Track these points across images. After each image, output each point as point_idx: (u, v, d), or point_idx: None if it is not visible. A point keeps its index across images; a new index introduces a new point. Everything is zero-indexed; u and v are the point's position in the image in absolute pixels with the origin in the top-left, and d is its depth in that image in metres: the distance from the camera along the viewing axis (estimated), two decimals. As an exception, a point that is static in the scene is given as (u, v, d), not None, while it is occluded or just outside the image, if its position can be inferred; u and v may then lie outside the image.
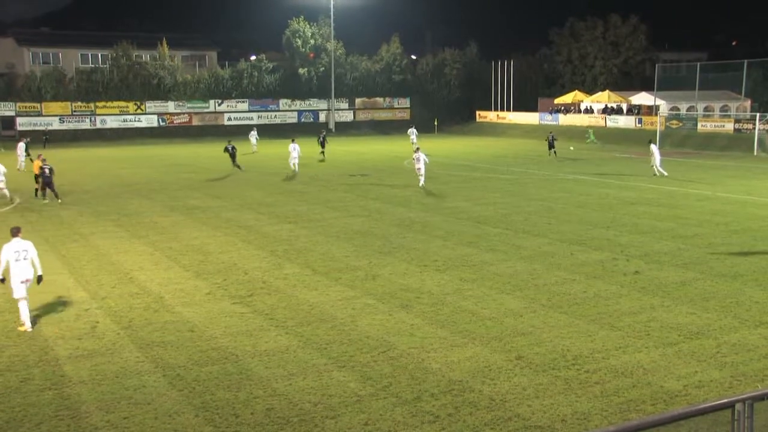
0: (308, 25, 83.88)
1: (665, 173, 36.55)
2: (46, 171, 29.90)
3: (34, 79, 73.89)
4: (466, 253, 19.89)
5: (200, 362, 11.97)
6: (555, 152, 48.95)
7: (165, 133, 74.53)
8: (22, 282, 13.65)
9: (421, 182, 33.43)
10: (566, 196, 30.67)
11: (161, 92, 77.77)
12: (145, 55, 79.25)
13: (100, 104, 74.25)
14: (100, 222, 25.67)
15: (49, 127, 69.97)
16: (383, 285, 16.66)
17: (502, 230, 23.09)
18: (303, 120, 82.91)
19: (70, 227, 24.67)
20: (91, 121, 73.71)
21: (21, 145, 46.45)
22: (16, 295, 13.71)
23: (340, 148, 53.79)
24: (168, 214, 27.29)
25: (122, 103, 75.26)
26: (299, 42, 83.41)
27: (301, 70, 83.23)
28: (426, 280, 17.08)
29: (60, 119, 72.38)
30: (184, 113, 77.98)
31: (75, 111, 73.25)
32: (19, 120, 70.45)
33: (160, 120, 76.76)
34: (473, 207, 27.86)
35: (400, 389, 10.79)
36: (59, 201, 29.88)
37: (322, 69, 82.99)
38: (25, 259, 13.73)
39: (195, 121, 78.06)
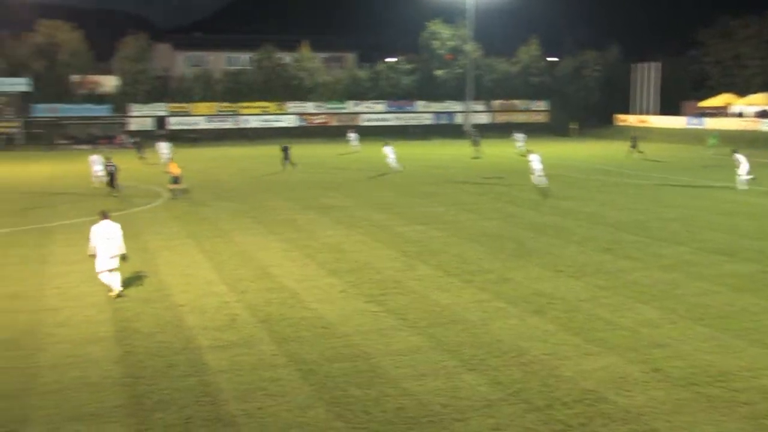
0: (446, 27, 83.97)
1: (753, 178, 32.85)
2: (111, 168, 33.56)
3: (184, 81, 78.07)
4: (601, 259, 19.32)
5: (332, 358, 12.22)
6: (639, 151, 51.31)
7: (304, 132, 76.61)
8: (110, 258, 15.71)
9: (545, 182, 32.83)
10: (710, 204, 29.16)
11: (301, 93, 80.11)
12: (287, 57, 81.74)
13: (243, 105, 77.37)
14: (240, 219, 26.71)
15: (196, 127, 73.82)
16: (515, 289, 16.44)
17: (640, 237, 22.24)
18: (439, 121, 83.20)
19: (212, 223, 25.81)
20: (234, 120, 76.92)
21: (164, 144, 49.04)
22: (99, 268, 15.78)
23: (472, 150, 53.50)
24: (304, 212, 28.05)
25: (264, 104, 78.11)
26: (437, 44, 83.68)
27: (438, 72, 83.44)
28: (560, 285, 16.72)
29: (207, 119, 76.01)
30: (322, 113, 79.99)
31: (220, 111, 76.67)
32: (171, 120, 74.50)
33: (300, 120, 79.10)
34: (609, 212, 27.02)
35: (531, 395, 10.62)
36: (116, 193, 33.00)
37: (459, 71, 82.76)
38: (113, 239, 15.81)
39: (333, 122, 79.87)
